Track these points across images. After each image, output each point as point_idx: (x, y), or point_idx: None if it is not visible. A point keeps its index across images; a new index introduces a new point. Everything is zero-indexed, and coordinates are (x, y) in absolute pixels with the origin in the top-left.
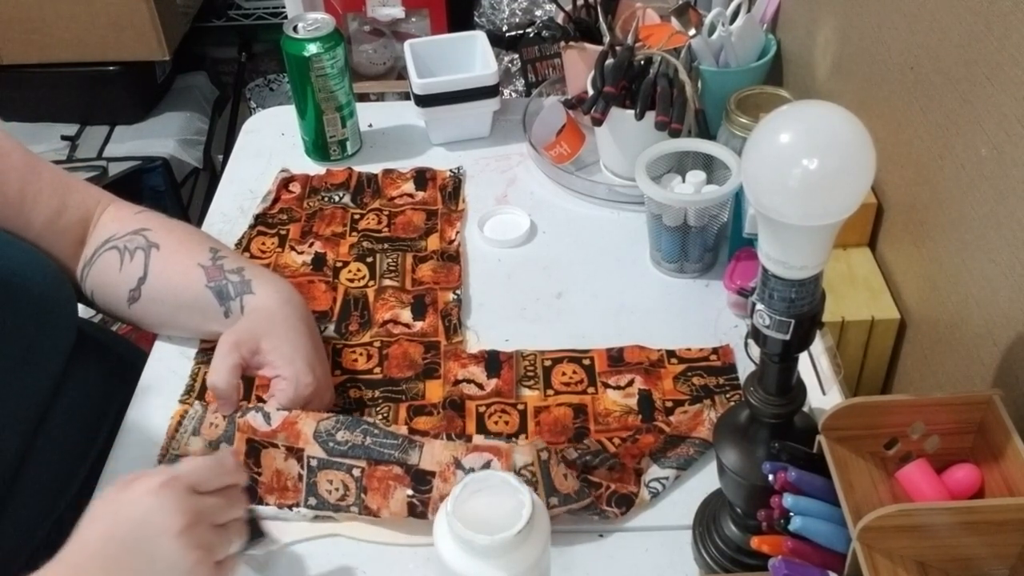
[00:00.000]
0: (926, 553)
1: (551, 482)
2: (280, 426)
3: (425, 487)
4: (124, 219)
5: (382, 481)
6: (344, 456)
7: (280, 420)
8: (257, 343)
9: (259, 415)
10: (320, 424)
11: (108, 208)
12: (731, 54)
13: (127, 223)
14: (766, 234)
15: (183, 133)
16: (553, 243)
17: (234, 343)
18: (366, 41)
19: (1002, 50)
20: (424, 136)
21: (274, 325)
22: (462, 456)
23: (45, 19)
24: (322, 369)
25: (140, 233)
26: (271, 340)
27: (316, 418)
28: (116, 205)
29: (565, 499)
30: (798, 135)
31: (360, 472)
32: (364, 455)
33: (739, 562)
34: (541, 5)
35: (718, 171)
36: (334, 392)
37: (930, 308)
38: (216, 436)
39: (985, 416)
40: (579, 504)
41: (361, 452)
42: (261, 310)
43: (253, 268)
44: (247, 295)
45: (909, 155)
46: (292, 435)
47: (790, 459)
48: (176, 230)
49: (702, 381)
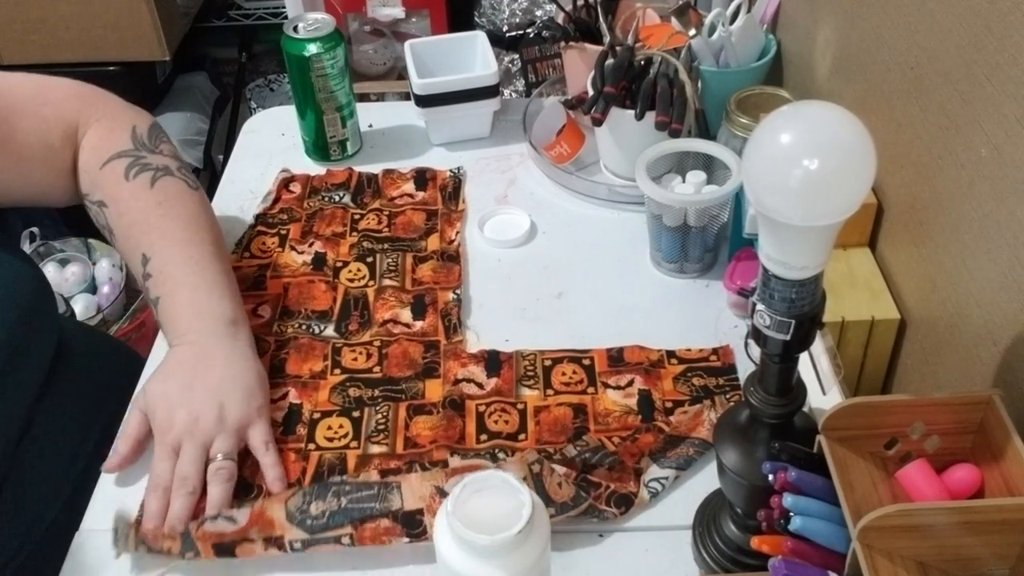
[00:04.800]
0: (926, 553)
1: (546, 494)
2: (249, 521)
3: (417, 529)
4: (92, 173)
5: (375, 538)
6: (326, 529)
7: (246, 516)
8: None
9: (220, 520)
10: (289, 503)
11: (83, 140)
12: (731, 54)
13: (95, 182)
14: (767, 234)
15: (183, 133)
16: (553, 243)
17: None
18: (366, 41)
19: (1002, 50)
20: (424, 136)
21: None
22: (443, 483)
23: (45, 19)
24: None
25: (101, 208)
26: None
27: (282, 498)
28: (90, 135)
29: (562, 508)
30: (799, 135)
31: (349, 538)
32: (346, 519)
33: (739, 562)
34: (541, 5)
35: (718, 171)
36: (262, 421)
37: (930, 308)
38: (177, 550)
39: (985, 416)
40: (576, 511)
41: (342, 517)
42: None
43: (169, 299)
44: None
45: (909, 155)
46: (264, 525)
47: (790, 459)
48: (125, 216)
49: (702, 381)
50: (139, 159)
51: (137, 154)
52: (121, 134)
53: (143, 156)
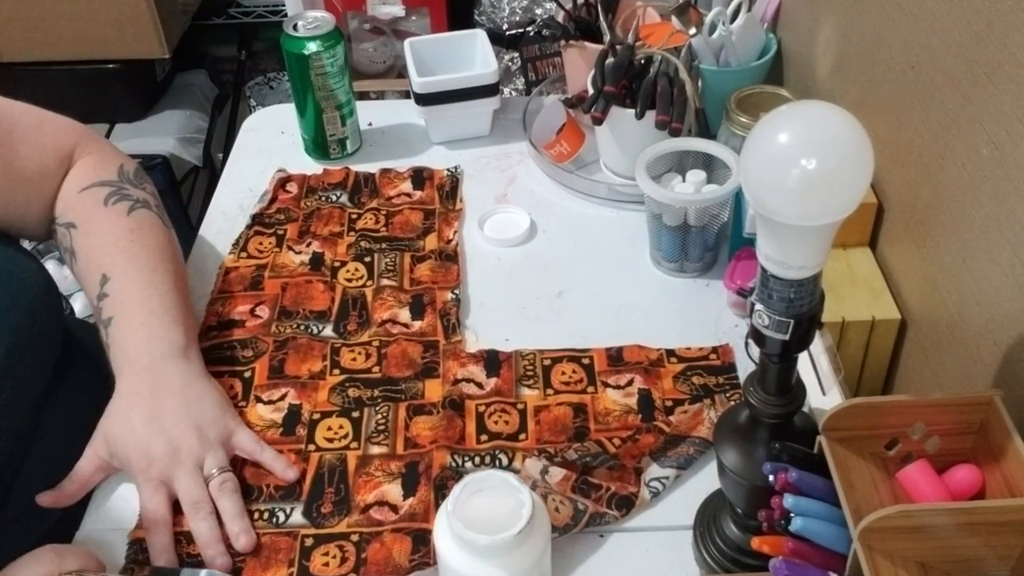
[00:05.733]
0: (927, 554)
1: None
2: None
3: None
4: (68, 197)
5: (383, 548)
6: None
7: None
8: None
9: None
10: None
11: (75, 165)
12: (731, 53)
13: (69, 205)
14: (765, 234)
15: (183, 131)
16: (553, 242)
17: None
18: (366, 39)
19: (1003, 49)
20: (424, 135)
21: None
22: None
23: (45, 17)
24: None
25: (68, 229)
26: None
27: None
28: (79, 165)
29: (564, 529)
30: (797, 135)
31: (359, 536)
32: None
33: (740, 562)
34: (541, 4)
35: (718, 170)
36: (241, 427)
37: (931, 308)
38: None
39: (986, 416)
40: (578, 528)
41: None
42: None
43: (123, 320)
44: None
45: (910, 154)
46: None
47: (790, 459)
48: (91, 238)
49: (702, 380)
50: (121, 189)
51: (120, 185)
52: (109, 167)
53: (125, 188)
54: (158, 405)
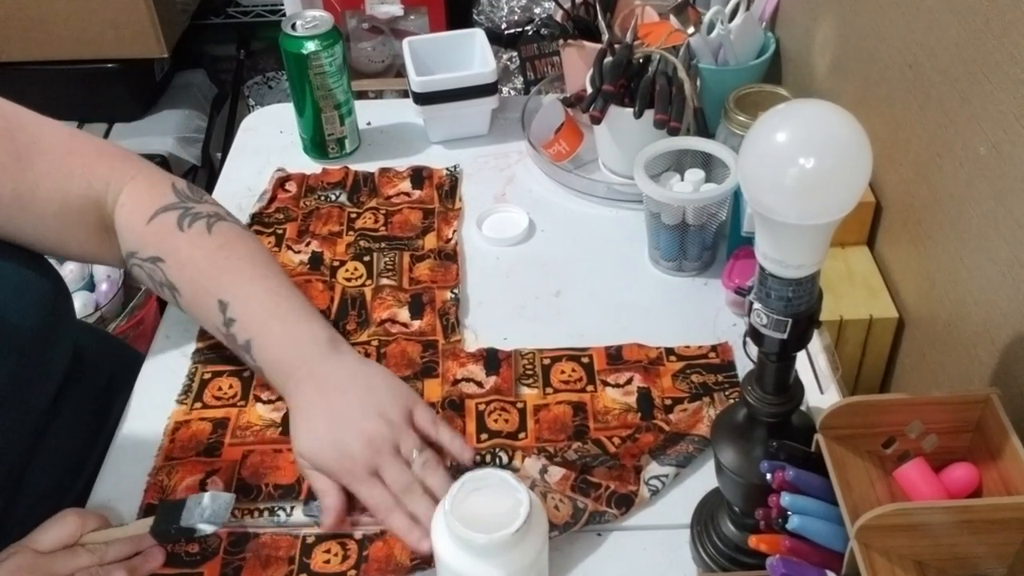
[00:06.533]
0: (924, 552)
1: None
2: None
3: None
4: (138, 229)
5: (384, 546)
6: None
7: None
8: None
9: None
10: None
11: (120, 196)
12: (730, 52)
13: (144, 239)
14: (763, 233)
15: (182, 131)
16: (552, 241)
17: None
18: (365, 39)
19: (1001, 48)
20: (423, 134)
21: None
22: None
23: (44, 17)
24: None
25: (156, 264)
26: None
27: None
28: (129, 192)
29: (564, 527)
30: (794, 134)
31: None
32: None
33: (737, 561)
34: (540, 3)
35: (717, 169)
36: (418, 403)
37: (928, 307)
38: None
39: (983, 415)
40: (578, 526)
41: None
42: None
43: (262, 337)
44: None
45: (908, 153)
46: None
47: (788, 458)
48: (188, 267)
49: (701, 379)
50: (189, 209)
51: (185, 205)
52: (163, 189)
53: (191, 206)
54: (334, 406)
